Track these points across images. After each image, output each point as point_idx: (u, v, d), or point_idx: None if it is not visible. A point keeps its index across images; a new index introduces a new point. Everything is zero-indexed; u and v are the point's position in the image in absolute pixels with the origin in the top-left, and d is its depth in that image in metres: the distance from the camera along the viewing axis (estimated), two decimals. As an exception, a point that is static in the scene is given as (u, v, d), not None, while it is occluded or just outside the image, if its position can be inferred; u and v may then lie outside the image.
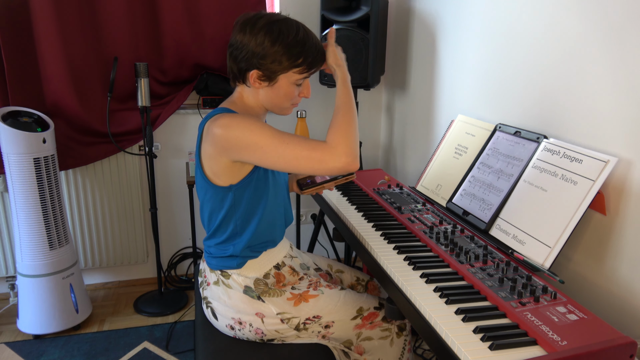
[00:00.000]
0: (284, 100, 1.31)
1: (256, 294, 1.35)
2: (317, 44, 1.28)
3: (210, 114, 1.30)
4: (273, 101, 1.31)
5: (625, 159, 1.20)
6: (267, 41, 1.21)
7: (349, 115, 1.23)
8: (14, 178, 2.04)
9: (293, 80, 1.27)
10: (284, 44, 1.22)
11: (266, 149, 1.18)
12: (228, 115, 1.23)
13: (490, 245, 1.37)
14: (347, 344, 1.41)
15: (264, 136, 1.18)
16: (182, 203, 2.69)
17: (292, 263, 1.47)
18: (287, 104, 1.33)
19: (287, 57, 1.23)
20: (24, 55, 2.17)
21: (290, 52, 1.22)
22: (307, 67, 1.27)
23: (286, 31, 1.22)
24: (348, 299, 1.40)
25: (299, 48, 1.23)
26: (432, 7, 2.17)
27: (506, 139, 1.55)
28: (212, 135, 1.23)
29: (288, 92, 1.29)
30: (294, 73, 1.26)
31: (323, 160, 1.17)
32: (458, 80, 1.98)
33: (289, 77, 1.26)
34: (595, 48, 1.29)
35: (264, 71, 1.25)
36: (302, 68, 1.26)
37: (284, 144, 1.18)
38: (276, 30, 1.22)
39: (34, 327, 2.18)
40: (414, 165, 2.45)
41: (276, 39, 1.21)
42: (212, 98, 2.53)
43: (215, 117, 1.25)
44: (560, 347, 0.91)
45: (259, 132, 1.19)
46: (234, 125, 1.20)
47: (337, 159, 1.17)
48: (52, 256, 2.15)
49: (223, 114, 1.25)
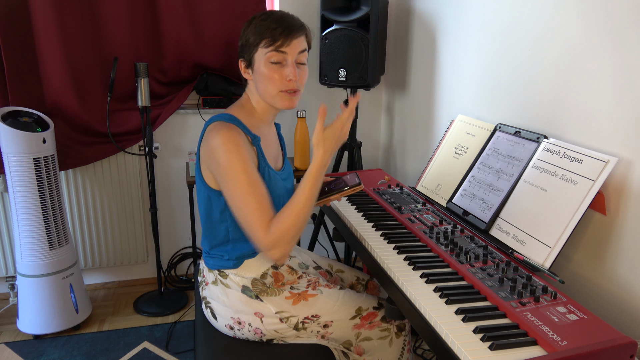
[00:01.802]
0: (268, 84, 1.28)
1: (254, 293, 1.35)
2: (286, 17, 1.27)
3: (217, 116, 1.31)
4: (260, 88, 1.32)
5: (625, 159, 1.20)
6: (244, 27, 1.30)
7: (303, 216, 1.20)
8: (14, 178, 2.04)
9: (265, 58, 1.26)
10: (253, 23, 1.28)
11: (229, 185, 1.22)
12: (226, 133, 1.22)
13: (490, 245, 1.36)
14: (346, 345, 1.41)
15: (235, 174, 1.20)
16: (182, 203, 2.69)
17: (291, 262, 1.47)
18: (272, 88, 1.28)
19: (254, 32, 1.27)
20: (24, 55, 2.17)
21: (256, 27, 1.27)
22: (271, 38, 1.24)
23: (259, 14, 1.29)
24: (347, 299, 1.40)
25: (263, 22, 1.27)
26: (432, 7, 2.17)
27: (506, 139, 1.55)
28: (206, 142, 1.27)
29: (265, 73, 1.27)
30: (262, 48, 1.26)
31: (255, 238, 1.20)
32: (458, 80, 1.98)
33: (260, 55, 1.27)
34: (595, 48, 1.29)
35: (245, 55, 1.31)
36: (266, 41, 1.25)
37: (242, 195, 1.20)
38: (251, 17, 1.30)
39: (34, 327, 2.18)
40: (414, 165, 2.45)
41: (249, 22, 1.30)
42: (212, 98, 2.53)
43: (217, 126, 1.25)
44: (561, 347, 0.91)
45: (234, 168, 1.20)
46: (223, 148, 1.21)
47: (267, 249, 1.19)
48: (52, 256, 2.15)
49: (223, 129, 1.23)
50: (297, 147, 2.47)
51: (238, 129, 1.26)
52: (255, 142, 1.31)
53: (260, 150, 1.32)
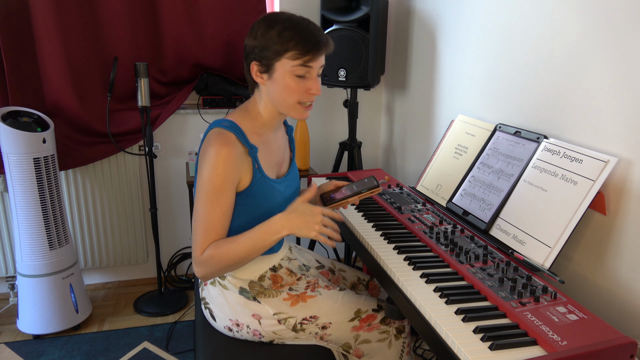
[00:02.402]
0: (287, 95, 1.26)
1: (252, 295, 1.35)
2: (313, 30, 1.24)
3: (219, 122, 1.29)
4: (276, 96, 1.28)
5: (626, 159, 1.20)
6: (262, 29, 1.23)
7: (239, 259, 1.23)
8: (14, 178, 2.04)
9: (289, 69, 1.23)
10: (276, 29, 1.22)
11: (198, 193, 1.24)
12: (219, 149, 1.21)
13: (490, 245, 1.36)
14: (345, 347, 1.40)
15: (207, 189, 1.22)
16: (182, 203, 2.69)
17: (290, 265, 1.46)
18: (290, 99, 1.27)
19: (279, 41, 1.21)
20: (24, 55, 2.17)
21: (281, 36, 1.21)
22: (300, 52, 1.21)
23: (281, 18, 1.23)
24: (346, 301, 1.39)
25: (290, 32, 1.21)
26: (432, 7, 2.17)
27: (506, 139, 1.55)
28: (203, 147, 1.27)
29: (287, 84, 1.24)
30: (288, 59, 1.22)
31: (193, 250, 1.25)
32: (458, 80, 1.98)
33: (284, 64, 1.23)
34: (595, 48, 1.29)
35: (261, 60, 1.25)
36: (293, 53, 1.21)
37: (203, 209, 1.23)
38: (270, 19, 1.24)
39: (34, 327, 2.18)
40: (414, 165, 2.45)
41: (269, 26, 1.23)
42: (212, 98, 2.53)
43: (215, 137, 1.24)
44: (561, 347, 0.91)
45: (209, 184, 1.22)
46: (210, 163, 1.22)
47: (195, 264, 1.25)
48: (52, 256, 2.15)
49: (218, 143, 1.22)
50: (297, 148, 2.47)
51: (235, 142, 1.24)
52: (252, 153, 1.28)
53: (256, 161, 1.29)
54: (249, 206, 1.30)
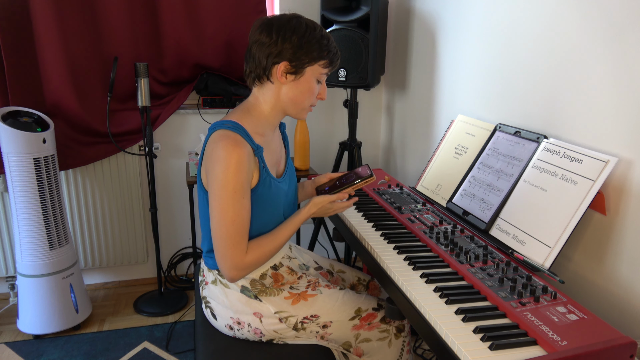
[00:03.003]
0: (307, 97, 1.32)
1: (253, 293, 1.35)
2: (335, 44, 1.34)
3: (221, 123, 1.29)
4: (296, 98, 1.32)
5: (625, 159, 1.20)
6: (296, 35, 1.25)
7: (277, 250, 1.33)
8: (14, 178, 2.04)
9: (317, 75, 1.31)
10: (314, 37, 1.27)
11: (218, 201, 1.23)
12: (232, 149, 1.21)
13: (490, 245, 1.36)
14: (345, 346, 1.41)
15: (226, 194, 1.22)
16: (182, 203, 2.69)
17: (290, 264, 1.46)
18: (307, 102, 1.34)
19: (317, 48, 1.27)
20: (24, 55, 2.17)
21: (320, 44, 1.27)
22: (330, 61, 1.31)
23: (312, 26, 1.28)
24: (347, 299, 1.39)
25: (325, 41, 1.29)
26: (432, 7, 2.17)
27: (506, 139, 1.55)
28: (210, 150, 1.25)
29: (311, 87, 1.31)
30: (320, 66, 1.30)
31: (230, 257, 1.25)
32: (458, 80, 1.98)
33: (315, 70, 1.30)
34: (596, 48, 1.29)
35: (295, 61, 1.26)
36: (326, 62, 1.30)
37: (226, 217, 1.23)
38: (304, 26, 1.27)
39: (34, 327, 2.18)
40: (414, 165, 2.45)
41: (306, 32, 1.26)
42: (212, 98, 2.53)
43: (224, 137, 1.23)
44: (560, 347, 0.91)
45: (228, 188, 1.22)
46: (224, 165, 1.21)
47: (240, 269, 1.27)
48: (52, 256, 2.15)
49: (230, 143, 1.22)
50: (297, 148, 2.47)
51: (244, 142, 1.24)
52: (258, 153, 1.29)
53: (262, 161, 1.30)
54: (254, 205, 1.30)
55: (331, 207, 1.39)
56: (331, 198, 1.38)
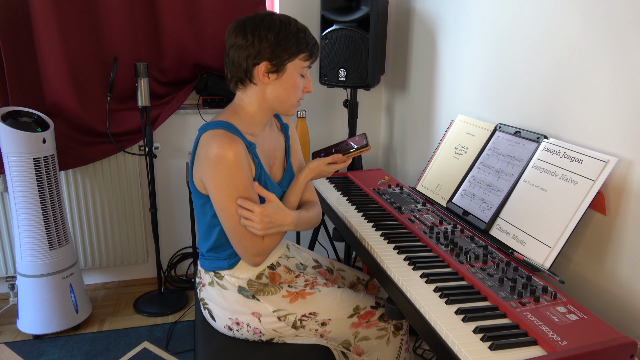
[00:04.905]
0: (292, 94, 1.31)
1: (250, 293, 1.35)
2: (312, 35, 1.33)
3: (211, 124, 1.28)
4: (282, 96, 1.30)
5: (626, 159, 1.20)
6: (272, 33, 1.24)
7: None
8: (13, 178, 2.04)
9: (299, 69, 1.29)
10: (290, 32, 1.25)
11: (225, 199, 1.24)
12: (228, 146, 1.21)
13: (490, 245, 1.36)
14: (345, 345, 1.41)
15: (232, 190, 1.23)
16: (182, 203, 2.69)
17: (288, 263, 1.47)
18: (294, 98, 1.32)
19: (295, 43, 1.26)
20: (24, 55, 2.17)
21: (297, 37, 1.26)
22: (310, 53, 1.30)
23: (286, 21, 1.27)
24: (345, 297, 1.40)
25: (302, 34, 1.28)
26: (432, 7, 2.17)
27: (506, 139, 1.55)
28: (204, 152, 1.24)
29: (296, 83, 1.30)
30: (301, 60, 1.28)
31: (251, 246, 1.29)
32: (458, 80, 1.98)
33: (296, 65, 1.28)
34: (596, 47, 1.29)
35: (275, 60, 1.25)
36: (306, 54, 1.29)
37: (233, 211, 1.24)
38: (278, 22, 1.26)
39: (34, 327, 2.18)
40: (414, 165, 2.45)
41: (281, 29, 1.25)
42: (212, 98, 2.53)
43: (216, 137, 1.23)
44: (560, 347, 0.91)
45: (232, 184, 1.22)
46: (228, 162, 1.20)
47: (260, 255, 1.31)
48: (52, 256, 2.15)
49: (224, 141, 1.22)
50: (297, 147, 2.47)
51: (238, 139, 1.24)
52: (252, 150, 1.29)
53: (256, 157, 1.31)
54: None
55: (327, 169, 1.41)
56: (326, 160, 1.40)
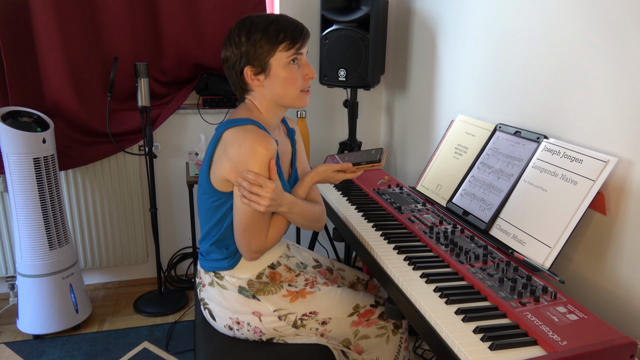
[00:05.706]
0: (289, 86, 1.29)
1: (251, 293, 1.35)
2: (293, 20, 1.29)
3: (234, 121, 1.28)
4: (279, 91, 1.29)
5: (626, 159, 1.20)
6: (243, 35, 1.25)
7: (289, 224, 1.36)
8: (13, 178, 2.04)
9: (285, 61, 1.26)
10: (258, 29, 1.24)
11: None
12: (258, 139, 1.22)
13: (490, 245, 1.36)
14: (345, 343, 1.41)
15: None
16: (182, 203, 2.69)
17: (288, 262, 1.47)
18: (293, 90, 1.30)
19: (267, 38, 1.24)
20: (24, 55, 2.17)
21: (267, 33, 1.24)
22: (290, 41, 1.25)
23: (256, 19, 1.26)
24: (344, 296, 1.40)
25: (274, 26, 1.25)
26: (432, 7, 2.17)
27: (506, 139, 1.55)
28: (234, 149, 1.23)
29: (287, 76, 1.27)
30: (281, 52, 1.25)
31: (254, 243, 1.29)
32: (458, 80, 1.98)
33: (279, 59, 1.26)
34: (595, 47, 1.29)
35: (254, 61, 1.25)
36: (285, 44, 1.25)
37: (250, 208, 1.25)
38: (247, 23, 1.26)
39: (34, 327, 2.18)
40: (414, 165, 2.45)
41: (250, 29, 1.25)
42: (212, 98, 2.53)
43: (245, 131, 1.23)
44: (561, 347, 0.91)
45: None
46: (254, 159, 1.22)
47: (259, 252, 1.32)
48: (52, 256, 2.15)
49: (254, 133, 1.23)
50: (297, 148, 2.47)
51: (269, 136, 1.25)
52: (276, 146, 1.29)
53: (277, 155, 1.30)
54: None
55: (334, 176, 1.37)
56: (334, 167, 1.35)
